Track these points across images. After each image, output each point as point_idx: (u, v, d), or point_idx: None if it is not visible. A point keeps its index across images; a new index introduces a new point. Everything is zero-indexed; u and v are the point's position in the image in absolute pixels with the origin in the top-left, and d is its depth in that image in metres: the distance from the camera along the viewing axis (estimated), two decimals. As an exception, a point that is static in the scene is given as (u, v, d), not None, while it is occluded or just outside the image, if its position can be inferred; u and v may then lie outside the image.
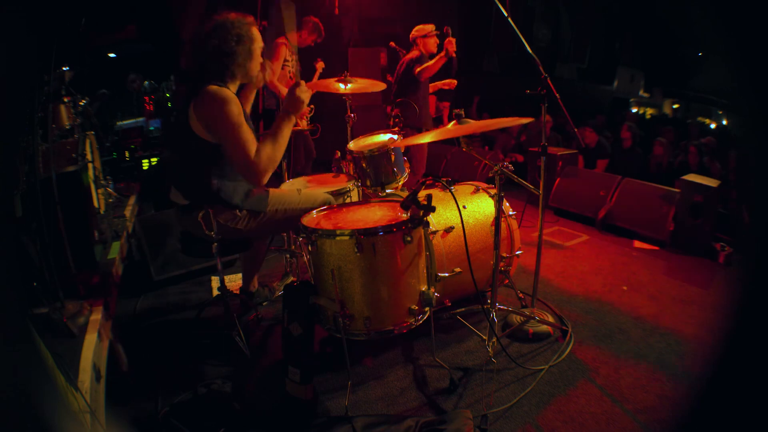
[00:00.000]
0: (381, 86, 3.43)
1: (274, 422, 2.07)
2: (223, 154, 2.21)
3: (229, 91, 2.19)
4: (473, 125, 2.19)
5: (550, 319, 2.69)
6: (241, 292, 3.00)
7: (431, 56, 4.09)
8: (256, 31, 2.29)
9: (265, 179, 2.17)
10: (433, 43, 4.15)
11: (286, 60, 4.45)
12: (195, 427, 1.98)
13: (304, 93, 2.21)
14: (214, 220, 2.29)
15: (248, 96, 2.59)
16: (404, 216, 2.09)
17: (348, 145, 3.00)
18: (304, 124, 3.48)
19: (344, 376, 2.18)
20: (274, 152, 2.15)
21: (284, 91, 4.33)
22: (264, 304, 3.05)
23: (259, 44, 2.30)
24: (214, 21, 2.21)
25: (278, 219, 2.46)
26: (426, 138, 2.37)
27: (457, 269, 2.32)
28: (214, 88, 2.16)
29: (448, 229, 2.46)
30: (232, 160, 2.18)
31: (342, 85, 3.31)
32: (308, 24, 4.56)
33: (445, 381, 2.24)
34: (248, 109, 2.55)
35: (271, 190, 2.52)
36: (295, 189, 2.66)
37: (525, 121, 2.18)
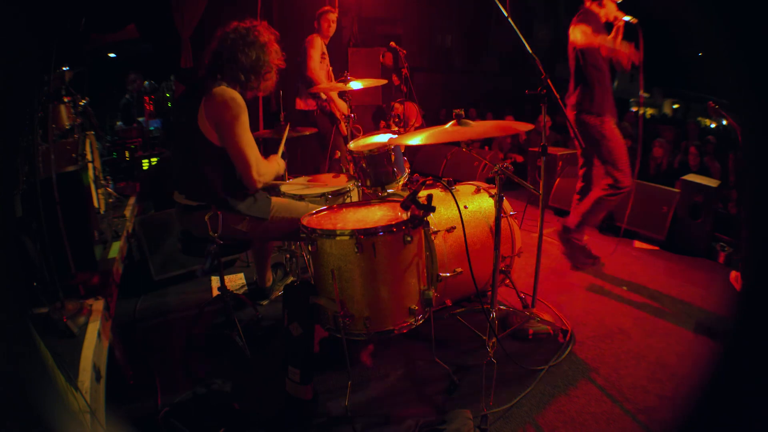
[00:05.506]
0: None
1: (274, 422, 2.07)
2: (227, 157, 2.26)
3: (242, 97, 2.25)
4: (475, 129, 2.18)
5: (551, 319, 2.69)
6: (256, 288, 3.03)
7: None
8: (276, 47, 2.37)
9: (260, 186, 2.37)
10: None
11: (323, 53, 4.43)
12: (195, 427, 1.98)
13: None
14: (220, 220, 2.29)
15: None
16: (404, 216, 2.09)
17: (348, 145, 3.00)
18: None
19: (344, 376, 2.18)
20: (270, 173, 2.40)
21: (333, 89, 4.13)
22: (264, 303, 3.05)
23: (278, 56, 2.37)
24: (244, 32, 2.26)
25: (282, 226, 2.49)
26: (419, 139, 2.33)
27: (458, 269, 2.31)
28: (229, 90, 2.21)
29: (450, 229, 2.45)
30: (235, 164, 2.27)
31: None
32: (325, 15, 4.46)
33: (445, 381, 2.24)
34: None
35: (280, 199, 2.55)
36: (302, 201, 2.69)
37: (526, 127, 2.17)
